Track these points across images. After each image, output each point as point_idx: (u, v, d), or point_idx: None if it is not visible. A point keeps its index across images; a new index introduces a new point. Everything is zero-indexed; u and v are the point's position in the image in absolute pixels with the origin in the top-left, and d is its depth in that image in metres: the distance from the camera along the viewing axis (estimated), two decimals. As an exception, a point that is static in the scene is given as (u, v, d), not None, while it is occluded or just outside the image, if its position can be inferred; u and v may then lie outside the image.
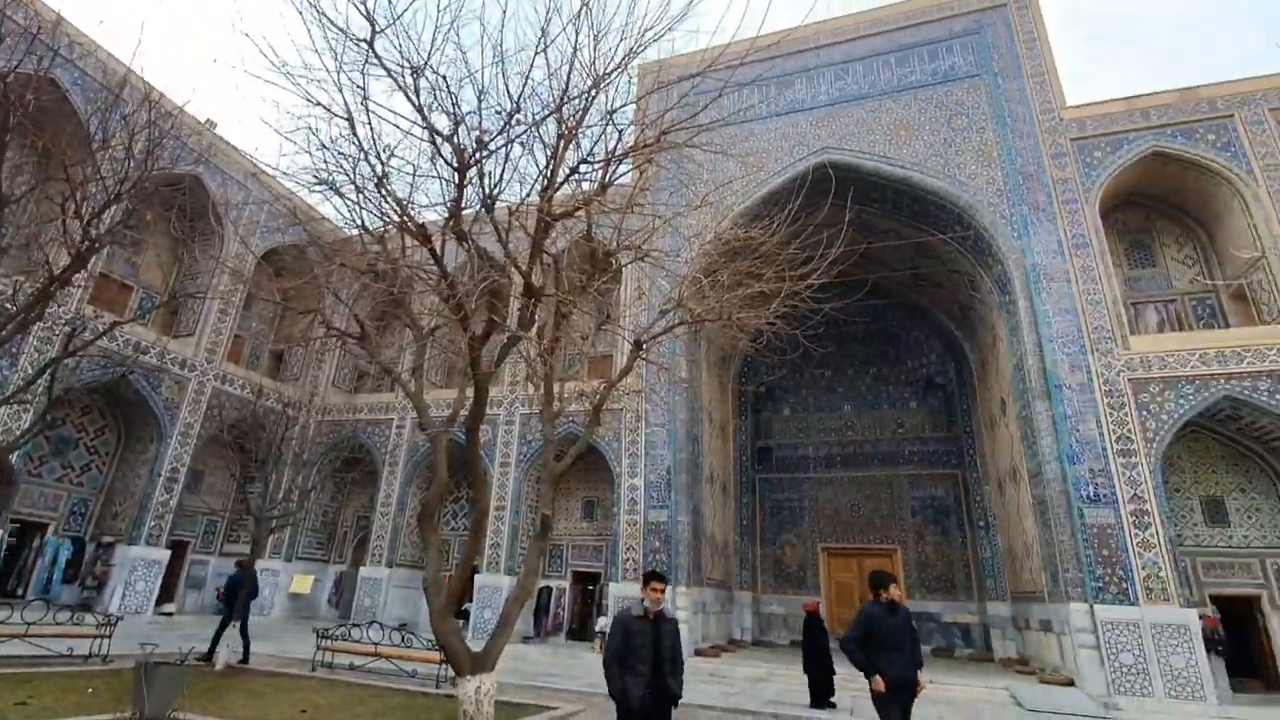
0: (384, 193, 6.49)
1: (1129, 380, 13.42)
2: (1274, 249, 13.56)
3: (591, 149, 6.52)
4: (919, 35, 18.23)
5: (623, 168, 7.09)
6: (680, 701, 5.00)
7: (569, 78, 6.03)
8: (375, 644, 11.28)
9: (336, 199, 6.72)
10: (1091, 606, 12.31)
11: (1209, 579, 13.85)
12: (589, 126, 6.49)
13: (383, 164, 6.32)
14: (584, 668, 13.50)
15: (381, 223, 7.06)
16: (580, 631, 18.31)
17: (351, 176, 6.61)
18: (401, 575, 19.34)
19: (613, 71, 6.17)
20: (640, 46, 6.04)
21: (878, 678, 5.44)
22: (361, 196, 6.70)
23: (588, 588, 18.94)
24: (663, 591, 5.10)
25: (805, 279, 7.94)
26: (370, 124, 6.35)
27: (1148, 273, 16.38)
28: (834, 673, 10.94)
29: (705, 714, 9.57)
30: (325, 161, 6.53)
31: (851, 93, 18.20)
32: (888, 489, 22.03)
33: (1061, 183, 15.31)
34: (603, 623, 16.13)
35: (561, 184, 6.52)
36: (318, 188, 6.59)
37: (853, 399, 23.59)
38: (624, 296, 18.74)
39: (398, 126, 6.52)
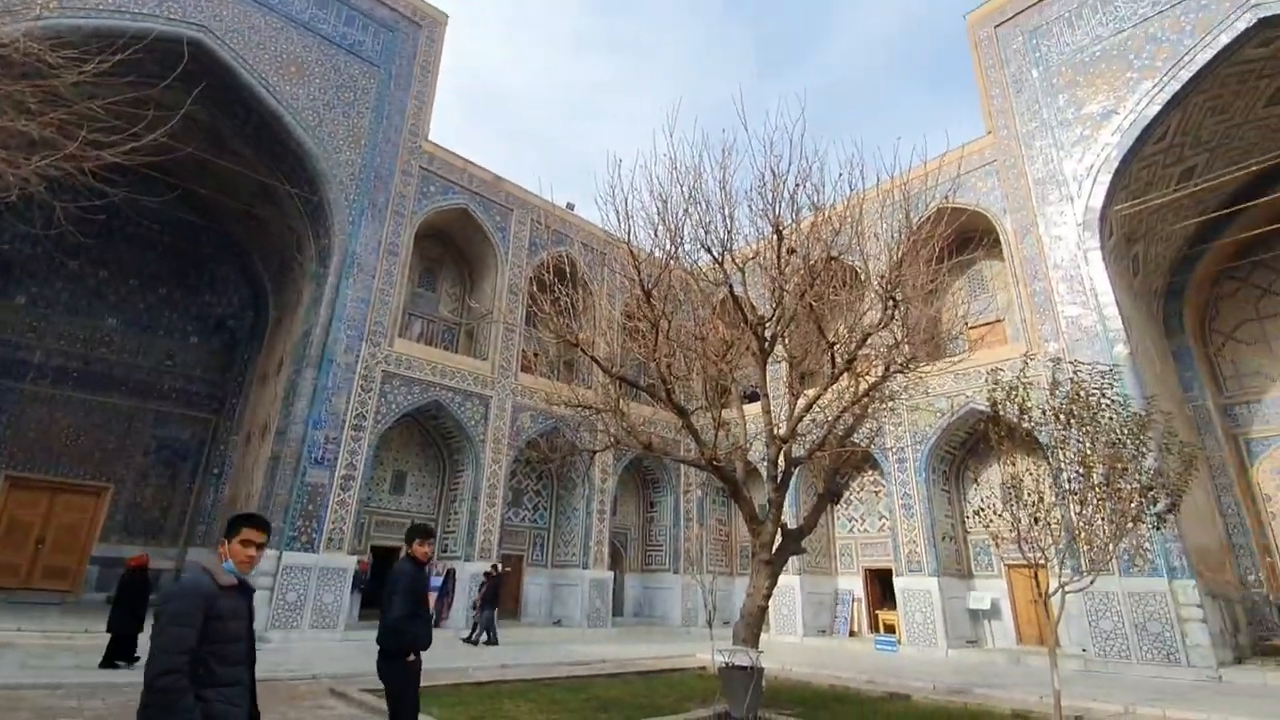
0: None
1: (383, 371, 16.37)
2: (498, 316, 19.46)
3: None
4: (347, -7, 18.31)
5: None
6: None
7: None
8: None
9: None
10: (281, 553, 13.91)
11: (378, 534, 17.76)
12: None
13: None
14: None
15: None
16: None
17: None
18: None
19: None
20: None
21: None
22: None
23: None
24: None
25: (97, 143, 6.69)
26: None
27: (427, 294, 20.66)
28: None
29: None
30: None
31: (264, -2, 16.50)
32: (127, 421, 19.30)
33: (400, 196, 17.86)
34: None
35: None
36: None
37: (123, 314, 19.95)
38: None
39: None
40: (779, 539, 9.51)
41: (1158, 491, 8.33)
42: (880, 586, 19.46)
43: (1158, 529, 9.09)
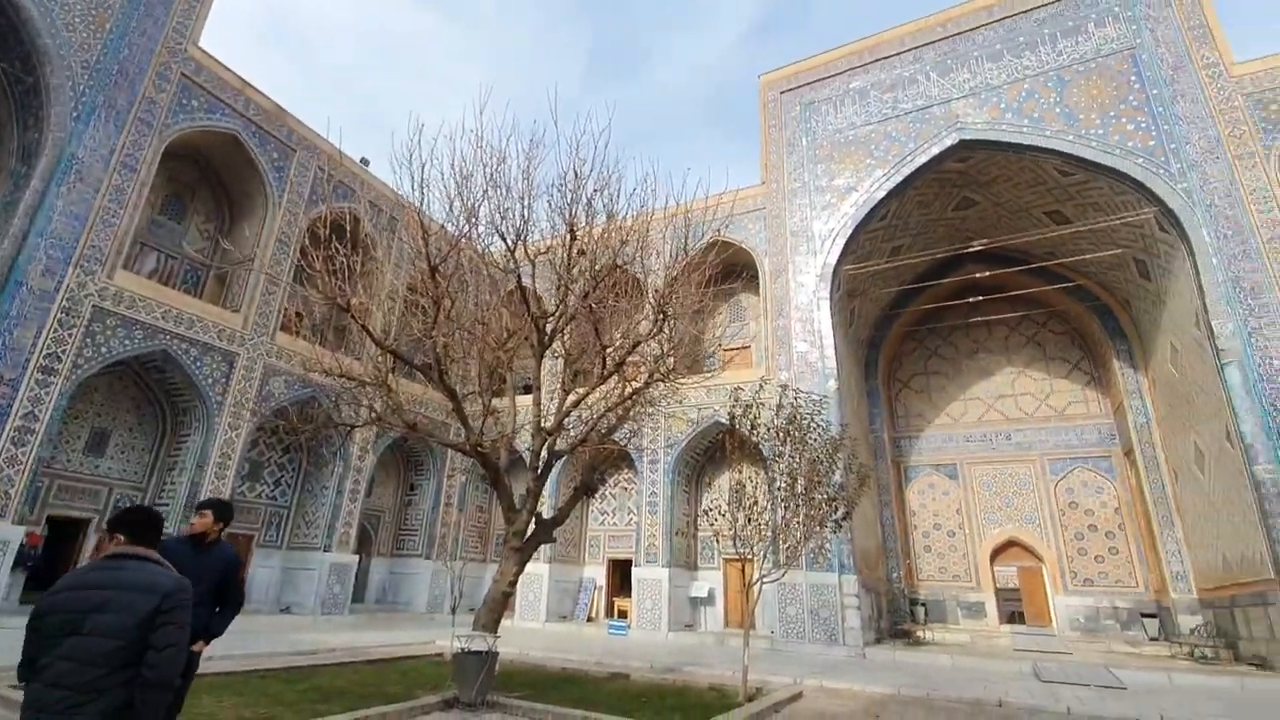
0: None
1: (94, 307, 13.61)
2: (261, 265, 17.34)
3: None
4: None
5: None
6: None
7: None
8: None
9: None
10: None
11: (59, 502, 14.69)
12: None
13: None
14: None
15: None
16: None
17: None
18: None
19: None
20: None
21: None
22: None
23: None
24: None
25: None
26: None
27: (172, 225, 17.64)
28: None
29: None
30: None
31: None
32: None
33: (150, 102, 15.00)
34: None
35: None
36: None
37: None
38: None
39: None
40: (532, 527, 9.95)
41: (839, 502, 10.35)
42: (620, 576, 21.05)
43: (834, 533, 11.30)
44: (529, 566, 19.73)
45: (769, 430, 10.49)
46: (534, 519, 9.98)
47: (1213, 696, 10.61)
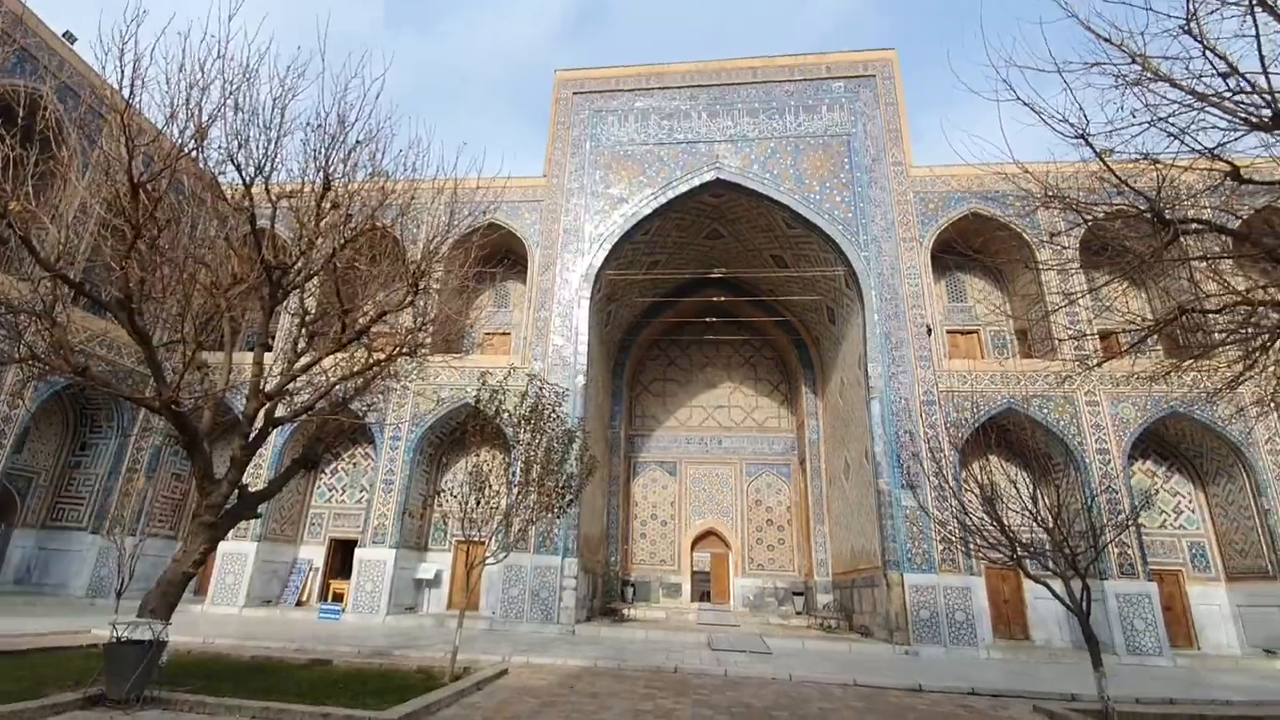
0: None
1: None
2: None
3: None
4: None
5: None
6: None
7: None
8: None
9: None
10: None
11: None
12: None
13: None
14: None
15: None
16: None
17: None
18: None
19: None
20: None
21: None
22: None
23: None
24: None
25: None
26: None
27: None
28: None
29: None
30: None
31: None
32: None
33: None
34: None
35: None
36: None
37: None
38: None
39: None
40: (234, 501, 8.89)
41: (567, 490, 11.06)
42: (341, 557, 19.63)
43: (560, 517, 12.04)
44: (232, 545, 17.47)
45: (512, 416, 10.81)
46: (238, 491, 8.93)
47: (828, 658, 13.60)
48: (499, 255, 20.36)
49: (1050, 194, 7.30)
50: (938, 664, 13.28)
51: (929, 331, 17.62)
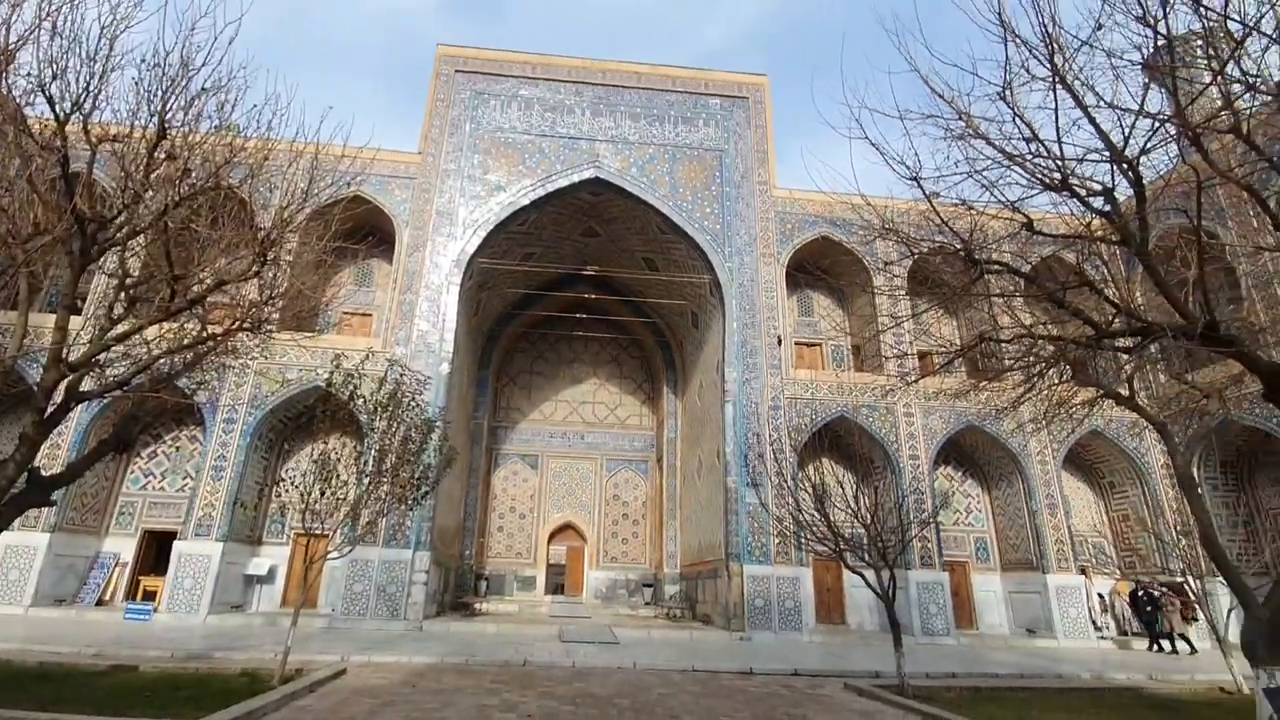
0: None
1: None
2: None
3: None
4: None
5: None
6: None
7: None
8: None
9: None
10: None
11: None
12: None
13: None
14: None
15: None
16: None
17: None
18: None
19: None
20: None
21: None
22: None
23: None
24: None
25: None
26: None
27: None
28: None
29: None
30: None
31: None
32: None
33: None
34: None
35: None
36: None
37: None
38: None
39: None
40: (22, 485, 7.73)
41: (424, 481, 10.74)
42: (158, 550, 17.52)
43: (412, 509, 11.67)
44: (17, 536, 15.02)
45: (368, 402, 10.32)
46: (28, 474, 7.77)
47: (671, 645, 14.34)
48: (364, 231, 19.14)
49: (887, 226, 8.26)
50: (768, 648, 14.48)
51: (779, 342, 19.07)
